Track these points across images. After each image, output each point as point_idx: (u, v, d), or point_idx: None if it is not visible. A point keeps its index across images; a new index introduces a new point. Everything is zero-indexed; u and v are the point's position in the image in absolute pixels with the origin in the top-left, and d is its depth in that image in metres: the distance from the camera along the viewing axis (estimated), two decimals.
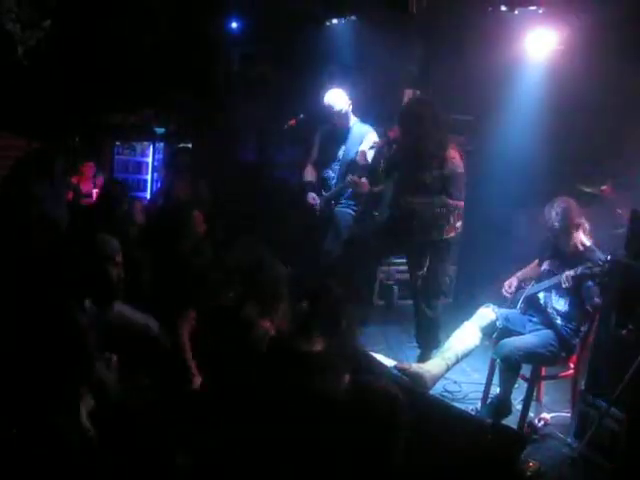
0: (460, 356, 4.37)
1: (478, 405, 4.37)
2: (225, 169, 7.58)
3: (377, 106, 5.96)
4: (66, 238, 4.44)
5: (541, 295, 4.25)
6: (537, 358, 4.08)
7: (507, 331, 4.28)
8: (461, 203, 4.61)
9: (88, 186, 6.91)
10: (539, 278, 4.30)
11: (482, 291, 5.04)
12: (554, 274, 4.12)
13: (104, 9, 7.22)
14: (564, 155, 5.65)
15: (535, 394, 4.30)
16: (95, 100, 7.19)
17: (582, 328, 4.10)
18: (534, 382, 4.18)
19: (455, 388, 4.62)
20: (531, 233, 5.12)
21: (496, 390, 4.27)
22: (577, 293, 4.02)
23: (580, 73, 5.26)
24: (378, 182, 5.21)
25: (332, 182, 5.53)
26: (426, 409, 3.12)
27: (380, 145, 5.01)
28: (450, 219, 4.56)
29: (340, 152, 5.47)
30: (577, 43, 5.18)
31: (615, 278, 3.79)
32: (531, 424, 4.12)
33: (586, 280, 3.94)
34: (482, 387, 4.46)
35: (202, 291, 3.89)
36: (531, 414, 4.20)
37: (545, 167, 5.73)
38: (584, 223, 4.12)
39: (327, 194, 5.52)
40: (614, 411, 3.67)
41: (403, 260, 5.31)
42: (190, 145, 7.49)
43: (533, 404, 4.27)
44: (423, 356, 4.76)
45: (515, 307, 4.38)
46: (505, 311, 4.38)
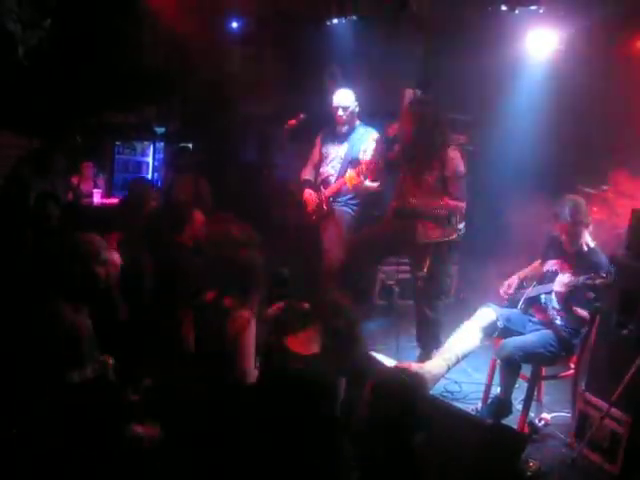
0: (460, 356, 4.36)
1: (479, 405, 4.37)
2: (225, 169, 7.58)
3: (377, 106, 5.95)
4: (58, 237, 4.41)
5: (542, 296, 4.25)
6: (537, 358, 4.08)
7: (508, 331, 4.27)
8: (463, 204, 4.61)
9: (88, 186, 6.91)
10: (541, 279, 4.29)
11: (482, 291, 5.02)
12: (557, 275, 4.09)
13: (104, 8, 7.23)
14: (564, 155, 5.65)
15: (535, 394, 4.29)
16: (95, 99, 7.19)
17: (582, 329, 4.09)
18: (534, 382, 4.18)
19: (455, 388, 4.62)
20: (531, 233, 5.11)
21: (496, 390, 4.27)
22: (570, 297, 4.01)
23: (580, 72, 5.27)
24: (377, 179, 5.20)
25: (332, 180, 5.54)
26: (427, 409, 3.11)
27: (379, 141, 5.00)
28: (452, 220, 4.56)
29: (342, 151, 5.49)
30: (578, 42, 5.18)
31: (615, 278, 3.79)
32: (531, 424, 4.12)
33: (587, 290, 3.93)
34: (482, 387, 4.47)
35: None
36: (531, 414, 4.20)
37: (545, 167, 5.73)
38: (591, 223, 4.12)
39: (326, 190, 5.53)
40: (614, 411, 3.66)
41: (404, 260, 5.30)
42: (190, 145, 7.48)
43: (533, 404, 4.26)
44: (423, 356, 4.76)
45: (516, 307, 4.38)
46: (506, 311, 4.37)
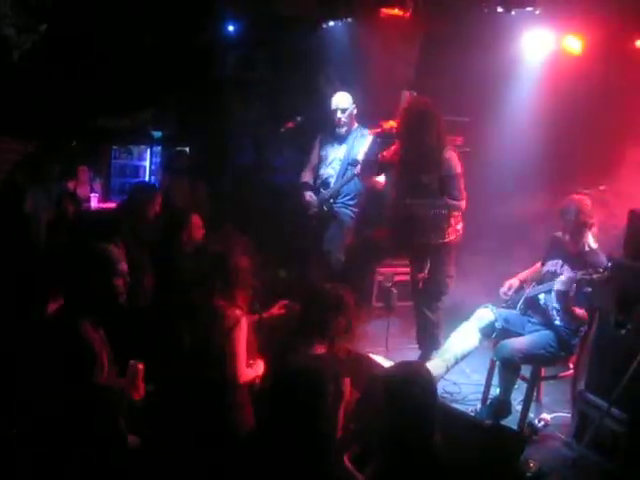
0: (459, 357, 4.36)
1: (478, 406, 4.37)
2: (222, 172, 7.57)
3: (374, 108, 5.95)
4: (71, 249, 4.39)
5: (541, 296, 4.25)
6: (537, 359, 4.08)
7: (506, 332, 4.28)
8: (462, 204, 4.60)
9: (85, 190, 6.90)
10: (541, 280, 4.30)
11: (481, 292, 5.02)
12: (557, 275, 4.11)
13: (99, 13, 7.22)
14: (561, 156, 5.66)
15: (535, 394, 4.30)
16: (91, 104, 7.17)
17: (581, 328, 4.10)
18: (534, 382, 4.19)
19: (455, 389, 4.62)
20: (529, 234, 5.12)
21: (496, 391, 4.27)
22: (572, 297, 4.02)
23: (576, 74, 5.28)
24: (373, 175, 5.22)
25: (332, 181, 5.55)
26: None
27: (373, 135, 5.01)
28: (450, 221, 4.56)
29: (342, 153, 5.52)
30: (574, 43, 5.20)
31: (614, 278, 3.79)
32: (531, 425, 4.11)
33: (584, 285, 3.94)
34: (482, 388, 4.47)
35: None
36: (531, 415, 4.20)
37: (542, 168, 5.73)
38: (594, 224, 4.12)
39: (325, 192, 5.53)
40: (614, 411, 3.66)
41: (402, 262, 5.30)
42: (187, 148, 7.48)
43: (533, 405, 4.27)
44: (423, 357, 4.75)
45: (515, 308, 4.38)
46: (504, 312, 4.37)
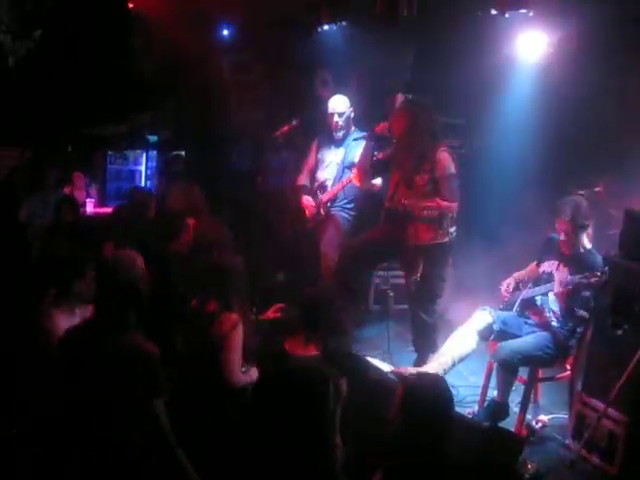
0: (457, 360, 4.36)
1: (475, 408, 4.36)
2: (219, 175, 7.56)
3: (369, 111, 5.96)
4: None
5: (537, 297, 4.26)
6: (534, 360, 4.08)
7: (504, 334, 4.28)
8: (454, 205, 4.59)
9: (81, 195, 6.89)
10: (537, 281, 4.30)
11: (477, 294, 5.02)
12: (553, 276, 4.11)
13: (94, 19, 7.22)
14: (556, 157, 5.66)
15: (532, 396, 4.30)
16: (87, 109, 7.17)
17: (578, 329, 4.10)
18: (531, 384, 4.19)
19: (452, 392, 4.60)
20: (525, 235, 5.11)
21: (493, 393, 4.26)
22: (571, 299, 4.02)
23: (571, 75, 5.28)
24: (372, 176, 5.22)
25: (329, 184, 5.56)
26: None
27: (367, 137, 5.02)
28: (443, 223, 4.55)
29: (339, 156, 5.54)
30: (568, 45, 5.20)
31: (610, 279, 3.80)
32: (529, 426, 4.11)
33: (582, 289, 3.95)
34: (479, 390, 4.47)
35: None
36: (529, 416, 4.19)
37: (537, 169, 5.74)
38: (590, 225, 4.12)
39: (323, 195, 5.54)
40: (612, 412, 3.67)
41: (397, 264, 5.30)
42: (183, 152, 7.48)
43: (530, 406, 4.26)
44: (419, 361, 4.74)
45: (511, 310, 4.38)
46: (502, 314, 4.37)
